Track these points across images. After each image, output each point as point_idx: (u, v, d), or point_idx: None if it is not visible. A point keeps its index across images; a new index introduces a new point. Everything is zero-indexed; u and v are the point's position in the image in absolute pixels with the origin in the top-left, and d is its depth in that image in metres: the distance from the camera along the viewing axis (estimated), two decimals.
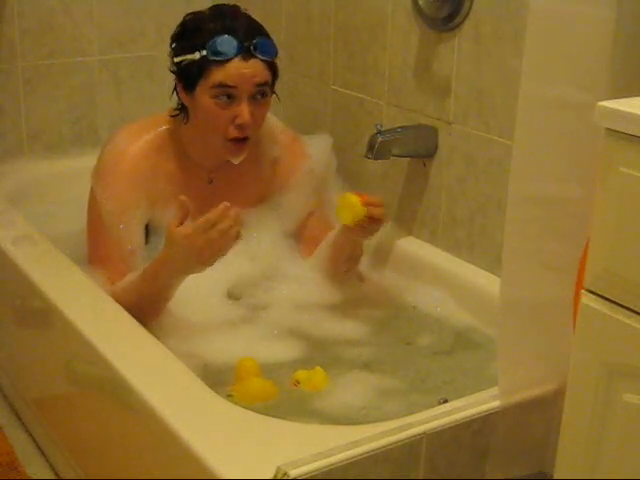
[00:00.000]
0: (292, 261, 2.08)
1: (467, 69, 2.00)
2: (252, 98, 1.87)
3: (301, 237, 2.11)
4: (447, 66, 2.05)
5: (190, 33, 1.90)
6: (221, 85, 1.84)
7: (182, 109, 1.95)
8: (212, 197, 2.01)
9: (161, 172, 1.96)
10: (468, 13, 1.97)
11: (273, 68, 1.91)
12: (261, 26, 1.92)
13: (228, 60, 1.84)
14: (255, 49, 1.86)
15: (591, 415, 1.27)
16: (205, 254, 1.75)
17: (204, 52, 1.85)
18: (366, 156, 2.07)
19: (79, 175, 2.18)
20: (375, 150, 2.05)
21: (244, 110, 1.85)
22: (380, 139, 2.05)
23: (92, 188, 1.95)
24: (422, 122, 2.14)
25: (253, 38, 1.86)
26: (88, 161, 2.02)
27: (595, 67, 1.35)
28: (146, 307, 1.82)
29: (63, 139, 2.62)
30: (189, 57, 1.87)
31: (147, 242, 1.97)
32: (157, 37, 2.69)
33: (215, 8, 1.94)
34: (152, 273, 1.82)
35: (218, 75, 1.84)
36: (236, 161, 1.93)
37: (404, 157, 2.17)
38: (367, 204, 1.86)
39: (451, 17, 2.00)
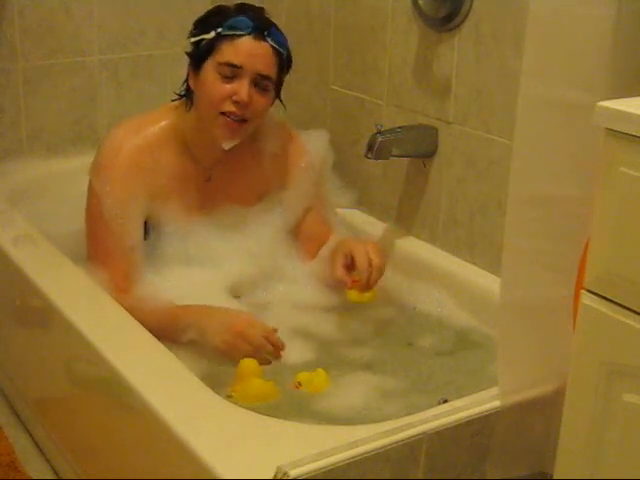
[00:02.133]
0: (292, 260, 2.08)
1: (467, 69, 2.00)
2: (255, 84, 1.88)
3: (299, 233, 2.11)
4: (447, 66, 2.05)
5: (211, 17, 1.94)
6: (228, 64, 1.86)
7: (186, 95, 1.95)
8: (210, 195, 2.01)
9: (160, 167, 1.95)
10: (468, 13, 1.97)
11: (281, 63, 1.92)
12: (275, 25, 1.95)
13: (240, 36, 1.87)
14: (268, 34, 1.89)
15: (591, 415, 1.27)
16: (232, 338, 1.77)
17: (219, 30, 1.88)
18: (366, 156, 2.07)
19: (79, 175, 2.17)
20: (375, 150, 2.05)
21: (243, 87, 1.86)
22: (380, 139, 2.05)
23: (91, 182, 1.95)
24: (422, 122, 2.14)
25: (269, 27, 1.90)
26: (88, 161, 2.01)
27: (595, 67, 1.35)
28: (157, 335, 1.82)
29: (63, 139, 2.62)
30: (205, 36, 1.90)
31: (146, 238, 1.97)
32: (157, 37, 2.69)
33: (242, 3, 1.98)
34: (185, 312, 1.83)
35: (227, 51, 1.87)
36: (227, 145, 1.91)
37: (404, 157, 2.17)
38: (363, 289, 1.92)
39: (451, 17, 2.00)
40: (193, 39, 1.93)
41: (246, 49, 1.87)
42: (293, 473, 1.27)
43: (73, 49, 2.58)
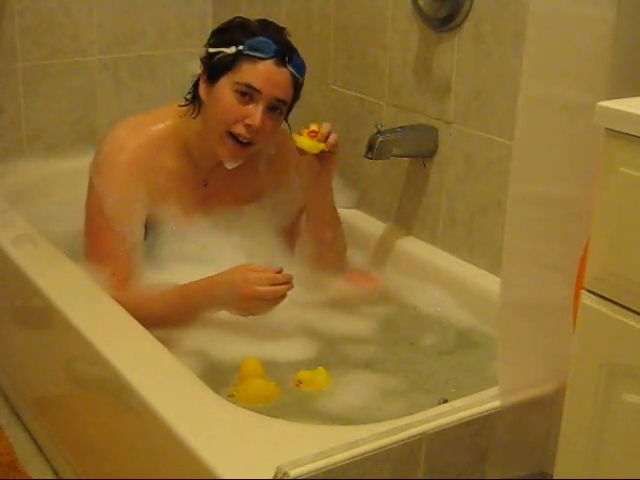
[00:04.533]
0: (288, 258, 2.07)
1: (467, 69, 2.00)
2: (269, 109, 1.88)
3: (292, 234, 2.11)
4: (447, 66, 2.05)
5: (233, 29, 1.92)
6: (247, 85, 1.85)
7: (193, 101, 1.95)
8: (206, 198, 2.02)
9: (160, 168, 1.95)
10: (468, 13, 1.97)
11: (297, 90, 1.93)
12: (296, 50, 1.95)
13: (262, 59, 1.86)
14: (290, 61, 1.88)
15: (591, 415, 1.27)
16: (245, 303, 1.81)
17: (241, 47, 1.86)
18: (366, 156, 2.07)
19: (79, 175, 2.17)
20: (375, 150, 2.05)
21: (258, 112, 1.85)
22: (380, 139, 2.05)
23: (91, 181, 1.95)
24: (422, 122, 2.14)
25: (291, 52, 1.90)
26: (88, 161, 2.01)
27: (595, 67, 1.35)
28: (169, 320, 1.84)
29: (63, 139, 2.62)
30: (225, 50, 1.88)
31: (145, 239, 1.97)
32: (157, 37, 2.69)
33: (263, 20, 1.97)
34: (193, 291, 1.85)
35: (248, 73, 1.86)
36: (229, 166, 1.92)
37: (404, 157, 2.17)
38: (321, 139, 1.89)
39: (451, 17, 2.00)
40: (212, 49, 1.91)
41: (267, 74, 1.86)
42: (293, 473, 1.27)
43: (73, 49, 2.58)
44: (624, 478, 1.25)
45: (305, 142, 1.89)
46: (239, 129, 1.87)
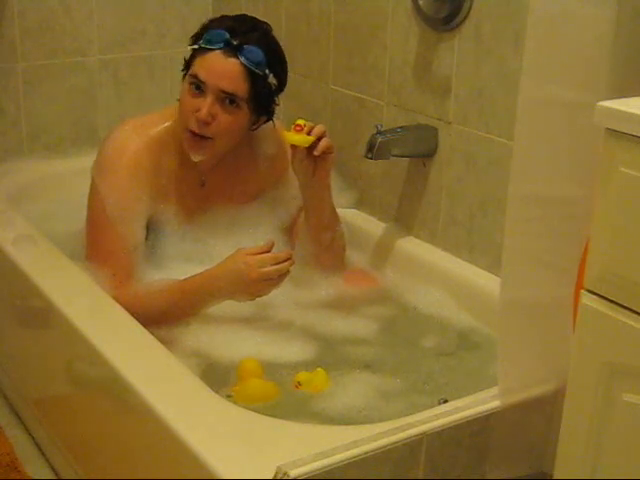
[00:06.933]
0: None
1: (467, 69, 2.00)
2: (220, 100, 1.85)
3: (292, 233, 2.11)
4: (447, 66, 2.05)
5: (202, 27, 1.92)
6: (195, 77, 1.86)
7: None
8: (204, 199, 2.02)
9: (162, 168, 1.96)
10: (468, 13, 1.97)
11: (255, 82, 1.87)
12: (270, 44, 1.91)
13: (211, 51, 1.85)
14: (241, 51, 1.84)
15: (591, 415, 1.27)
16: (253, 287, 1.83)
17: (200, 42, 1.87)
18: (366, 156, 2.07)
19: (79, 175, 2.18)
20: (375, 150, 2.05)
21: (204, 105, 1.84)
22: (380, 139, 2.05)
23: (93, 181, 1.94)
24: (422, 122, 2.14)
25: (246, 42, 1.86)
26: (88, 161, 2.01)
27: (595, 67, 1.35)
28: (171, 315, 1.85)
29: (63, 139, 2.62)
30: (192, 47, 1.90)
31: (146, 239, 1.97)
32: (157, 37, 2.69)
33: (238, 15, 1.96)
34: (194, 285, 1.85)
35: (197, 65, 1.87)
36: (195, 158, 1.91)
37: (404, 157, 2.17)
38: (309, 132, 1.89)
39: (451, 17, 2.00)
40: (189, 48, 1.92)
41: (212, 64, 1.84)
42: (293, 473, 1.28)
43: (73, 49, 2.58)
44: (624, 478, 1.25)
45: (292, 137, 1.90)
46: (192, 123, 1.86)
